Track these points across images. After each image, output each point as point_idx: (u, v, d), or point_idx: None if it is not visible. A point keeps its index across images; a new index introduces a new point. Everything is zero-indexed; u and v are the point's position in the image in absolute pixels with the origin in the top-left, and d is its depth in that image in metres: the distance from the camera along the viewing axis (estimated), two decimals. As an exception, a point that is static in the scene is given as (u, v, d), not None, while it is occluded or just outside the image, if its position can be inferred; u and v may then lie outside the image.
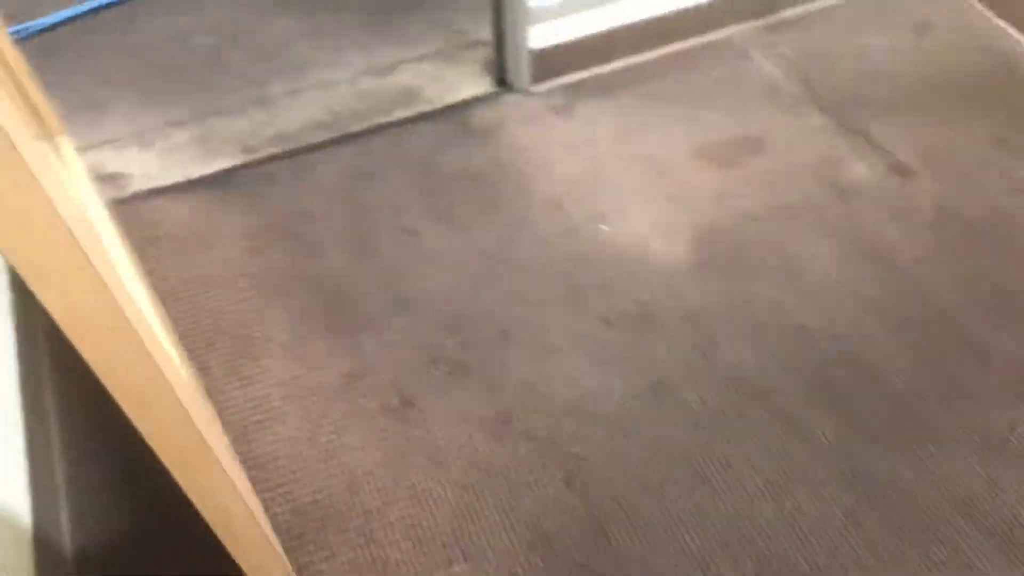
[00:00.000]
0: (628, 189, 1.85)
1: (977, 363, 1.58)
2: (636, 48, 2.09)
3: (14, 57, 1.27)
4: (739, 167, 1.91)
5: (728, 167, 1.91)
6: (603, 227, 1.78)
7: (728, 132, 1.97)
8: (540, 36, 1.93)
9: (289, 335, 1.57)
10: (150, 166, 1.76)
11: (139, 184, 1.73)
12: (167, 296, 1.60)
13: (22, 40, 2.08)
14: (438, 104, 1.96)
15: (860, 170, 1.91)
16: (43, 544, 1.24)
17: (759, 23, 2.20)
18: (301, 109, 1.91)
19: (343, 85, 1.98)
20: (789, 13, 2.22)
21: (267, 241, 1.69)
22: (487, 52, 2.03)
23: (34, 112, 1.32)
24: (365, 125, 1.89)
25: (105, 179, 1.74)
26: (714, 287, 1.71)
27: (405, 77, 2.02)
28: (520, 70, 1.95)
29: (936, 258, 1.75)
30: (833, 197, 1.86)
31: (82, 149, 1.77)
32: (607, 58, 2.07)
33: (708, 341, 1.62)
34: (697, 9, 2.07)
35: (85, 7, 2.14)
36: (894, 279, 1.72)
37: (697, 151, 1.93)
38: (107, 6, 2.17)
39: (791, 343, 1.63)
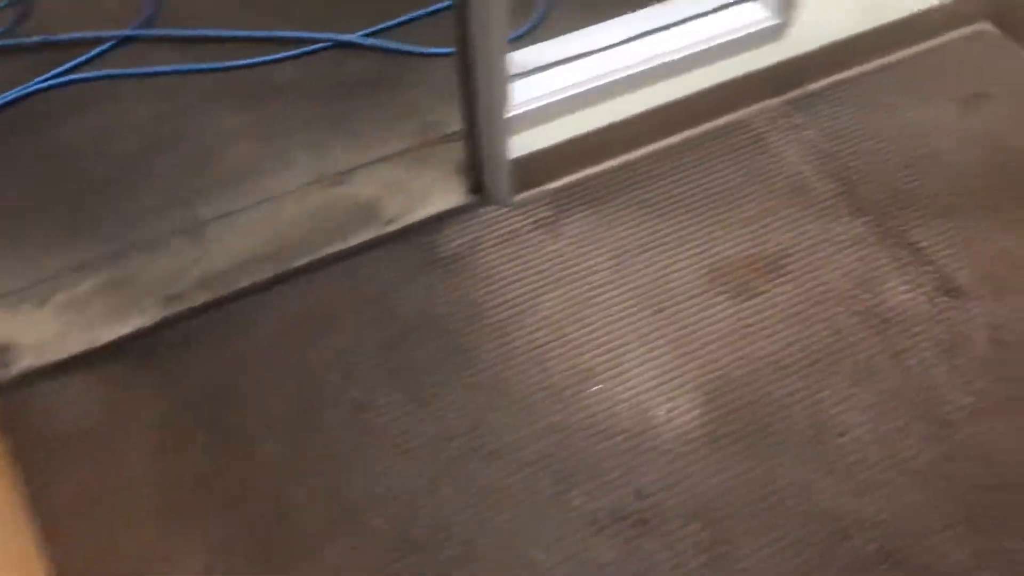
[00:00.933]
0: (625, 333, 1.59)
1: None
2: (634, 143, 1.81)
3: None
4: (759, 296, 1.64)
5: (746, 296, 1.63)
6: (595, 387, 1.52)
7: (746, 248, 1.69)
8: (522, 143, 1.64)
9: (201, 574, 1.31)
10: (46, 330, 1.51)
11: (30, 359, 1.48)
12: (49, 519, 1.35)
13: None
14: (401, 223, 1.69)
15: (903, 293, 1.63)
16: None
17: (779, 100, 1.90)
18: (238, 237, 1.65)
19: (288, 201, 1.71)
20: (815, 85, 1.92)
21: (185, 433, 1.44)
22: (462, 148, 1.74)
23: None
24: (313, 256, 1.63)
25: (-12, 356, 1.49)
26: (728, 466, 1.44)
27: (363, 187, 1.75)
28: (499, 183, 1.68)
29: (996, 409, 1.49)
30: (870, 331, 1.59)
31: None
32: (601, 158, 1.79)
33: (720, 543, 1.37)
34: (704, 93, 1.77)
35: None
36: (946, 442, 1.46)
37: (708, 276, 1.66)
38: (18, 100, 1.90)
39: (820, 537, 1.37)
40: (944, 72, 1.95)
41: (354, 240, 1.66)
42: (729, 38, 1.65)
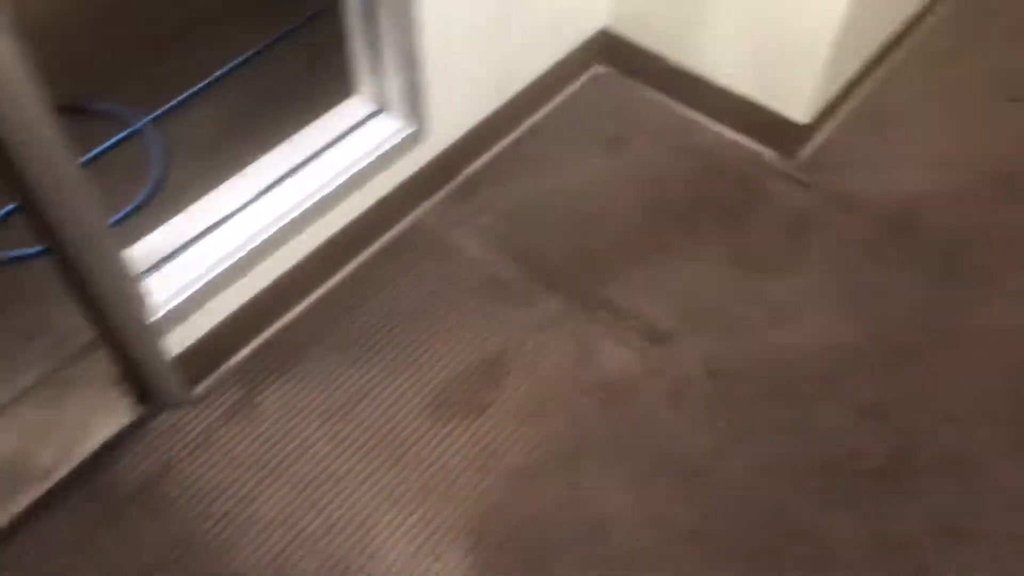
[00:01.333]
0: (368, 501, 1.47)
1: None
2: (311, 287, 1.69)
3: None
4: (490, 406, 1.59)
5: (478, 412, 1.58)
6: (354, 580, 1.38)
7: (461, 360, 1.64)
8: (184, 331, 1.45)
9: None
10: None
11: None
12: None
13: None
14: (64, 470, 1.44)
15: (617, 354, 1.67)
16: None
17: (444, 194, 1.88)
18: None
19: (-97, 495, 1.38)
20: (472, 168, 1.92)
21: None
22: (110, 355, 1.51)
23: None
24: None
25: None
26: (518, 607, 1.37)
27: (3, 440, 1.45)
28: (166, 384, 1.47)
29: (734, 443, 1.56)
30: (602, 405, 1.61)
31: None
32: (278, 314, 1.65)
33: None
34: (367, 214, 1.70)
35: None
36: (703, 494, 1.51)
37: (434, 404, 1.59)
38: None
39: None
40: (582, 122, 2.04)
41: (8, 513, 1.37)
42: (371, 158, 1.59)
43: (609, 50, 2.09)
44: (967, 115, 2.07)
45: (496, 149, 1.96)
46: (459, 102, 1.76)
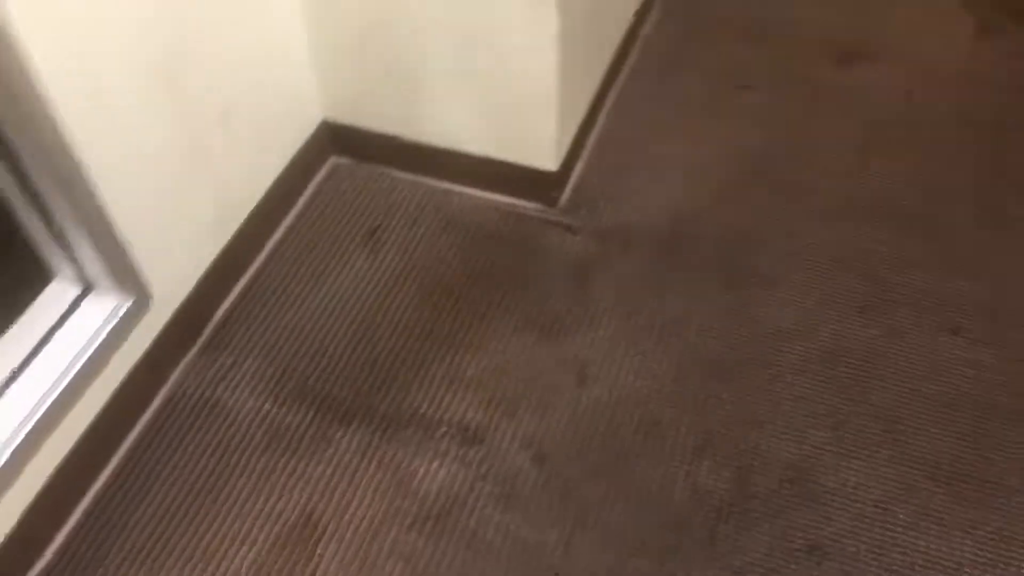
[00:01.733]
0: None
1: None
2: (68, 506, 1.48)
3: None
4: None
5: (296, 592, 1.42)
6: None
7: (267, 535, 1.49)
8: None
9: None
10: None
11: None
12: None
13: None
14: None
15: (435, 472, 1.57)
16: None
17: (196, 352, 1.71)
18: None
19: None
20: (219, 315, 1.77)
21: None
22: None
23: None
24: None
25: None
26: None
27: None
28: None
29: (580, 526, 1.50)
30: (433, 534, 1.50)
31: None
32: (37, 551, 1.43)
33: None
34: (113, 402, 1.51)
35: None
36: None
37: (245, 599, 1.41)
38: None
39: None
40: (331, 223, 1.92)
41: None
42: (95, 344, 1.40)
43: (338, 141, 1.99)
44: (705, 113, 2.14)
45: (241, 284, 1.80)
46: (178, 253, 1.60)
